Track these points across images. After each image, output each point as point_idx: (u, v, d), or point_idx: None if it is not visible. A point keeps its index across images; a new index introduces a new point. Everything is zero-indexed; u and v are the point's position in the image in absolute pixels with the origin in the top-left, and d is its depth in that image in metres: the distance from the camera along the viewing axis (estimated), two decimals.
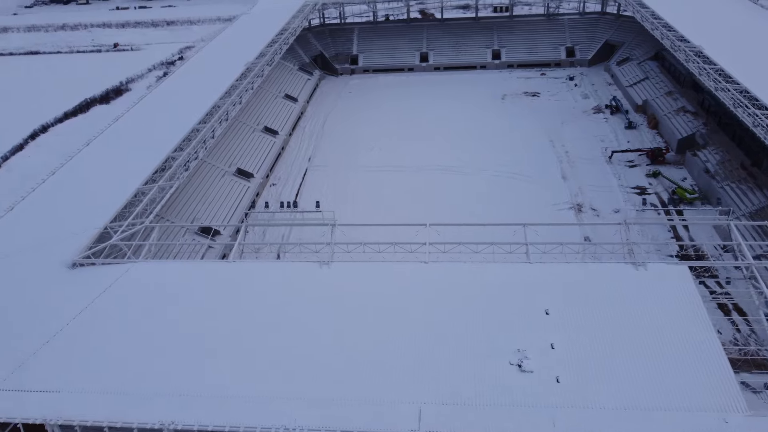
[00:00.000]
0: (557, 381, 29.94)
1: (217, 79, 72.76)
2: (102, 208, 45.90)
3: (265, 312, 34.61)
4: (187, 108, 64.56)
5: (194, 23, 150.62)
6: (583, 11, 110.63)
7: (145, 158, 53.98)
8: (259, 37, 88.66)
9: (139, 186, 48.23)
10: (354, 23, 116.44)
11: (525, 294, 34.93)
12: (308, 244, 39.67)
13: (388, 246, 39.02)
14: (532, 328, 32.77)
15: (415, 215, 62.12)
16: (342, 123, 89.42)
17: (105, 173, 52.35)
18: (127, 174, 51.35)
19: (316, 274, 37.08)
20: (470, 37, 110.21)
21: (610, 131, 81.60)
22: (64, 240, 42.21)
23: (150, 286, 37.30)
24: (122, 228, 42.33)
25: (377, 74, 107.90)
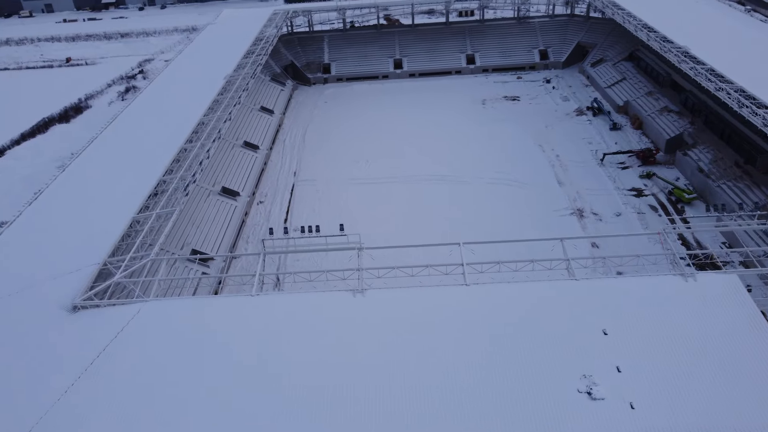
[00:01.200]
0: (632, 407, 28.22)
1: (197, 93, 68.88)
2: (95, 240, 41.84)
3: (300, 350, 31.67)
4: (170, 125, 60.60)
5: (150, 35, 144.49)
6: (552, 14, 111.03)
7: (133, 182, 50.00)
8: (232, 47, 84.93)
9: (133, 215, 44.25)
10: (323, 31, 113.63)
11: (577, 313, 33.15)
12: (336, 271, 36.78)
13: (422, 268, 36.60)
14: (592, 351, 31.00)
15: (421, 229, 60.49)
16: (323, 134, 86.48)
17: (92, 199, 48.07)
18: (117, 200, 47.33)
19: (350, 304, 34.35)
20: (443, 43, 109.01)
21: (595, 133, 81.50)
22: (58, 279, 38.08)
23: (167, 328, 33.75)
24: (124, 263, 38.41)
25: (351, 83, 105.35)
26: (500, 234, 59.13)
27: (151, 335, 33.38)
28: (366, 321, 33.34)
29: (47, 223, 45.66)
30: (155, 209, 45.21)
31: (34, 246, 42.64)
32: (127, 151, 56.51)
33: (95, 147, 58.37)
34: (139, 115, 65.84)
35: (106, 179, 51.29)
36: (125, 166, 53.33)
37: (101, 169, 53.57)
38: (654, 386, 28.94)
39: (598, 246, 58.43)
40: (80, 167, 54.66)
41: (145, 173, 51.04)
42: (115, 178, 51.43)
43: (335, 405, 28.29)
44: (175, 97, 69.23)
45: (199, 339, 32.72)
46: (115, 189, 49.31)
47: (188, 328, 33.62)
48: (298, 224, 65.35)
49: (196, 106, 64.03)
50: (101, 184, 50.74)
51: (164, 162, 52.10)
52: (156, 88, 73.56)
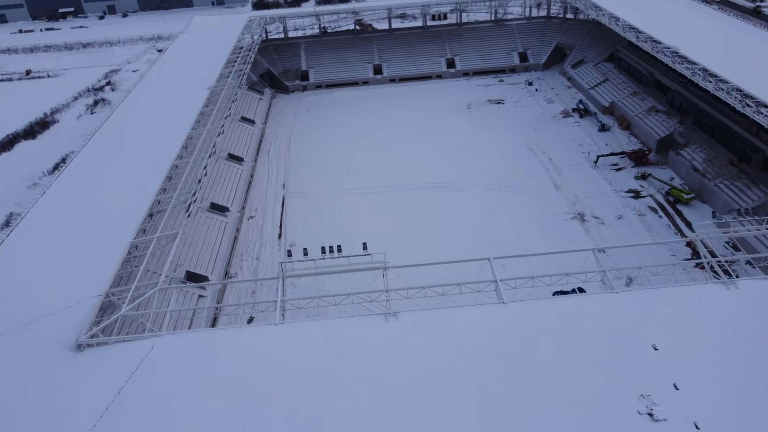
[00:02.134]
0: (696, 428, 26.86)
1: (181, 105, 65.62)
2: (92, 269, 38.64)
3: (334, 382, 29.35)
4: (157, 140, 57.38)
5: (114, 44, 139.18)
6: (529, 16, 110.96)
7: (125, 202, 46.77)
8: (211, 56, 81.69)
9: (131, 239, 41.11)
10: (299, 37, 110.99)
11: (623, 328, 31.79)
12: (362, 294, 34.54)
13: (453, 287, 34.71)
14: (646, 368, 29.62)
15: (427, 241, 58.59)
16: (308, 144, 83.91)
17: (82, 223, 44.63)
18: (110, 223, 44.06)
19: (383, 328, 32.18)
20: (422, 47, 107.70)
21: (585, 135, 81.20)
22: (56, 315, 34.83)
23: (186, 365, 30.95)
24: (130, 294, 35.35)
25: (331, 89, 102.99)
26: (509, 242, 58.12)
27: (170, 373, 30.54)
28: (401, 346, 31.22)
29: (34, 250, 42.09)
30: (154, 232, 42.15)
31: (24, 277, 39.11)
32: (114, 168, 53.03)
33: (77, 165, 54.58)
34: (121, 129, 62.21)
35: (95, 200, 47.83)
36: (114, 185, 49.94)
37: (87, 188, 50.01)
38: (716, 403, 27.70)
39: (605, 251, 57.73)
40: (64, 187, 50.92)
41: (136, 193, 47.81)
42: (105, 198, 48.04)
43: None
44: (157, 109, 65.77)
45: (224, 375, 30.06)
46: (106, 210, 45.95)
47: (210, 364, 30.90)
48: (293, 239, 62.99)
49: (181, 119, 60.84)
50: (90, 205, 47.26)
51: (157, 180, 48.94)
52: (134, 101, 69.84)
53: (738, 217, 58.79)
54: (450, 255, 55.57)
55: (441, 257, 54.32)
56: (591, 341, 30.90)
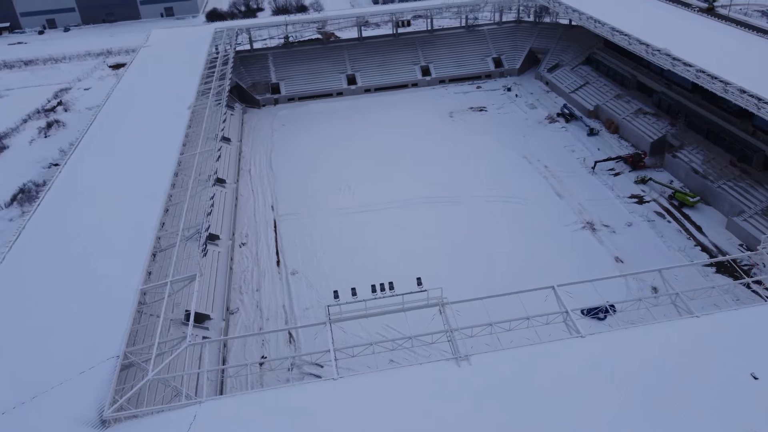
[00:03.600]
0: None
1: (161, 127, 60.30)
2: (101, 323, 33.59)
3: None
4: (144, 166, 52.04)
5: (60, 61, 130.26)
6: (500, 21, 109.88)
7: (122, 239, 41.55)
8: (182, 72, 76.25)
9: (140, 285, 36.16)
10: (266, 48, 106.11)
11: (713, 356, 29.38)
12: (421, 337, 30.94)
13: (521, 321, 31.61)
14: (748, 400, 27.24)
15: (442, 261, 55.61)
16: (290, 161, 79.44)
17: (76, 267, 39.17)
18: (110, 266, 38.89)
19: (456, 375, 28.68)
20: (394, 55, 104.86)
21: (575, 140, 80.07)
22: (69, 382, 29.72)
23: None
24: (154, 353, 30.55)
25: (305, 102, 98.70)
26: (530, 258, 55.64)
27: None
28: (483, 395, 27.80)
29: (25, 302, 36.45)
30: (163, 275, 37.29)
31: (22, 337, 33.56)
32: (100, 201, 47.38)
33: (53, 198, 48.60)
34: (97, 154, 56.27)
35: (84, 238, 42.25)
36: (104, 220, 44.44)
37: (71, 225, 44.25)
38: None
39: (623, 261, 56.10)
40: (42, 224, 45.02)
41: (132, 229, 42.67)
42: (96, 235, 42.53)
43: None
44: (135, 132, 60.08)
45: None
46: (100, 252, 40.58)
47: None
48: (294, 266, 58.69)
49: (166, 143, 55.67)
50: (78, 245, 41.67)
51: (153, 214, 43.89)
52: (105, 123, 63.73)
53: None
54: (474, 276, 53.44)
55: (467, 280, 52.26)
56: (682, 372, 28.39)
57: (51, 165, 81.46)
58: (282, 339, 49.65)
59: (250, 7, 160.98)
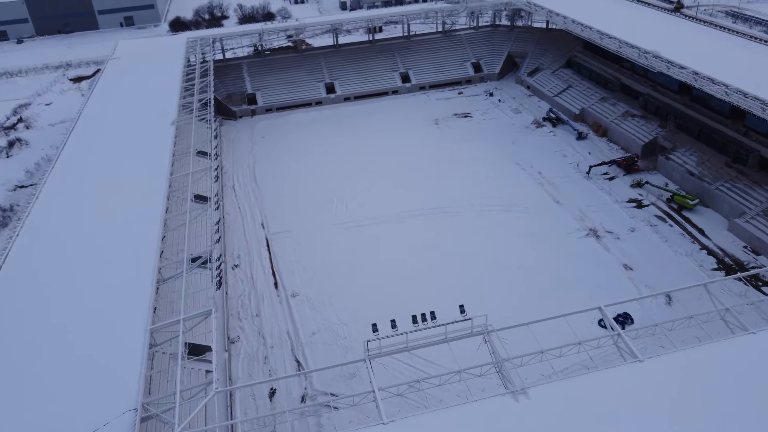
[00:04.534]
0: None
1: (144, 144, 56.59)
2: (108, 369, 30.22)
3: None
4: (133, 187, 48.40)
5: (15, 75, 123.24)
6: (477, 25, 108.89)
7: (120, 270, 38.04)
8: (159, 85, 72.31)
9: (149, 325, 32.81)
10: (239, 58, 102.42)
11: None
12: (472, 369, 28.62)
13: (572, 346, 29.66)
14: None
15: (447, 277, 53.60)
16: (275, 175, 76.18)
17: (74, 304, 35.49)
18: (110, 302, 35.42)
19: (516, 412, 26.47)
20: (372, 62, 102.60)
21: (565, 144, 79.24)
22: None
23: None
24: (177, 405, 27.36)
25: (283, 112, 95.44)
26: (542, 269, 54.03)
27: None
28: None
29: (23, 350, 32.65)
30: (171, 311, 34.05)
31: (24, 391, 29.81)
32: (88, 227, 43.56)
33: (35, 224, 44.48)
34: (78, 177, 52.11)
35: (78, 272, 38.53)
36: (97, 251, 40.74)
37: (62, 257, 40.41)
38: None
39: (632, 268, 55.08)
40: (27, 252, 41.02)
41: (130, 259, 39.17)
42: (92, 270, 38.84)
43: None
44: (115, 150, 56.13)
45: None
46: (99, 286, 36.99)
47: None
48: (293, 287, 55.71)
49: (153, 163, 52.07)
50: (74, 279, 37.97)
51: (151, 242, 40.42)
52: (80, 141, 59.37)
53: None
54: (494, 293, 51.28)
55: (487, 298, 50.00)
56: (754, 391, 26.86)
57: (17, 187, 76.30)
58: (291, 369, 46.69)
59: (214, 15, 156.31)
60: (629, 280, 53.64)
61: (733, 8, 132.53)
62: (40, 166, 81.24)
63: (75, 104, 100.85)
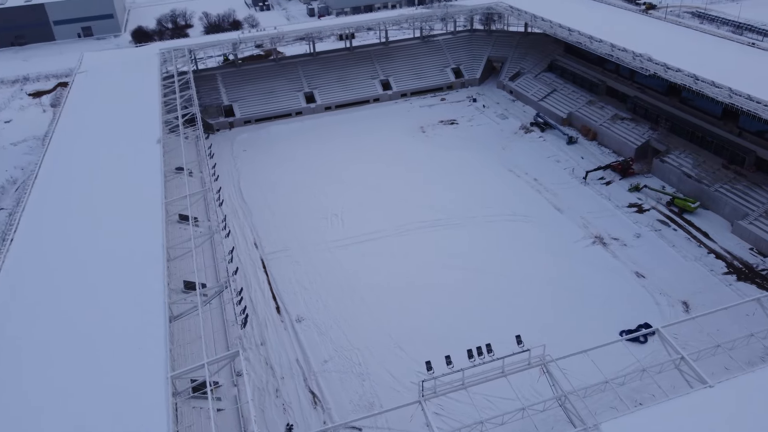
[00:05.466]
0: None
1: (129, 165, 52.81)
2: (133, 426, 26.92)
3: None
4: (125, 214, 44.69)
5: None
6: (454, 31, 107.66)
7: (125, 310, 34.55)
8: (136, 99, 68.28)
9: (167, 372, 29.58)
10: (213, 68, 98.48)
11: None
12: (535, 405, 26.48)
13: (636, 373, 27.85)
14: None
15: (462, 293, 51.67)
16: (263, 190, 72.86)
17: (80, 352, 31.89)
18: (122, 347, 31.93)
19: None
20: (351, 70, 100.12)
21: (556, 150, 78.34)
22: None
23: None
24: None
25: (263, 124, 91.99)
26: (557, 281, 52.84)
27: None
28: None
29: (35, 411, 28.98)
30: (187, 358, 30.91)
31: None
32: (85, 260, 39.79)
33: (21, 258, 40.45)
34: (64, 203, 48.01)
35: (81, 315, 34.85)
36: (97, 284, 37.12)
37: (62, 299, 36.60)
38: None
39: (644, 276, 54.12)
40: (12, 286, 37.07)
41: (136, 298, 35.70)
42: (92, 306, 35.23)
43: None
44: (99, 173, 52.15)
45: None
46: (107, 329, 33.46)
47: None
48: (298, 312, 52.74)
49: (143, 186, 48.48)
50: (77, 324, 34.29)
51: (156, 276, 37.02)
52: (58, 163, 55.08)
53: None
54: (519, 312, 49.29)
55: (513, 318, 48.18)
56: None
57: None
58: (306, 402, 43.80)
59: (178, 24, 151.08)
60: (643, 289, 52.64)
61: (699, 9, 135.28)
62: (5, 189, 75.93)
63: (38, 121, 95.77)
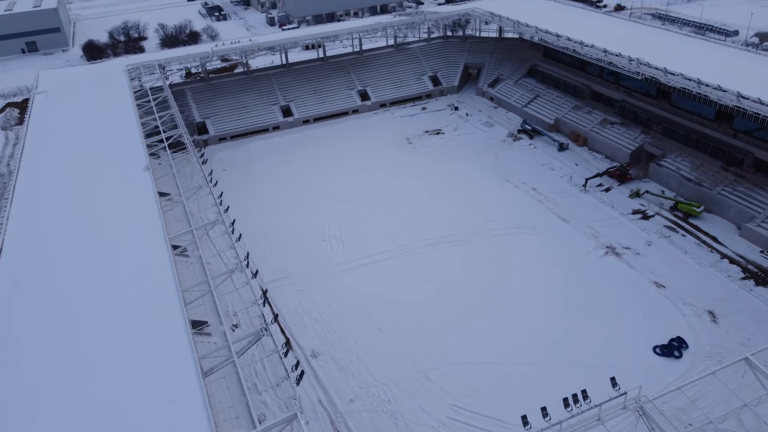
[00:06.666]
0: None
1: (121, 198, 48.02)
2: None
3: None
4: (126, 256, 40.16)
5: None
6: (428, 38, 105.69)
7: (146, 369, 30.36)
8: (110, 122, 63.11)
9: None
10: (182, 83, 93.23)
11: None
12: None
13: (737, 409, 25.83)
14: None
15: (491, 318, 49.22)
16: (251, 213, 68.66)
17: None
18: (149, 414, 27.82)
19: None
20: (326, 81, 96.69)
21: (549, 157, 77.10)
22: None
23: None
24: None
25: (239, 141, 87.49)
26: (584, 299, 50.81)
27: None
28: None
29: None
30: (243, 420, 27.11)
31: None
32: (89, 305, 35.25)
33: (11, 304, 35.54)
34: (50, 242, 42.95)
35: (95, 373, 30.46)
36: (113, 338, 32.72)
37: (70, 354, 32.05)
38: None
39: (664, 285, 52.94)
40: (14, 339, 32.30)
41: (157, 347, 31.54)
42: (111, 364, 30.87)
43: None
44: (88, 206, 47.20)
45: None
46: (128, 388, 29.23)
47: None
48: (312, 346, 49.05)
49: (139, 219, 44.02)
50: (90, 390, 29.88)
51: (178, 329, 32.93)
52: (34, 195, 49.69)
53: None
54: (526, 330, 47.49)
55: (520, 337, 46.23)
56: None
57: None
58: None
59: (131, 36, 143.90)
60: (666, 299, 51.45)
61: (659, 11, 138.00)
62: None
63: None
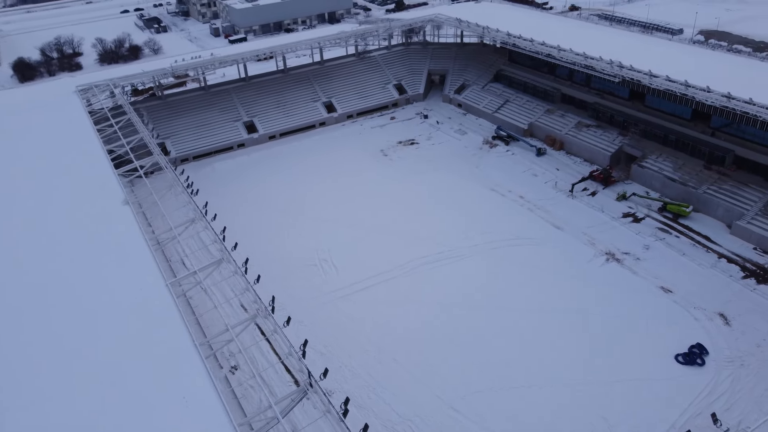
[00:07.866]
0: None
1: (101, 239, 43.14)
2: None
3: None
4: (124, 310, 35.66)
5: None
6: (389, 45, 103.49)
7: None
8: (67, 150, 57.46)
9: None
10: (136, 102, 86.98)
11: None
12: None
13: None
14: None
15: (513, 339, 47.35)
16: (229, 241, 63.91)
17: None
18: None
19: None
20: (289, 94, 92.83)
21: (529, 163, 76.33)
22: None
23: None
24: None
25: (204, 161, 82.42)
26: (597, 311, 49.73)
27: None
28: None
29: None
30: None
31: None
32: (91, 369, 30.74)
33: None
34: (32, 295, 37.78)
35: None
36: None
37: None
38: None
39: (671, 290, 52.54)
40: None
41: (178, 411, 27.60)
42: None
43: None
44: (65, 252, 42.04)
45: None
46: None
47: None
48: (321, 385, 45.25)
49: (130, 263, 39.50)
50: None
51: (207, 394, 29.02)
52: (8, 244, 44.07)
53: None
54: (545, 349, 45.91)
55: (540, 357, 44.61)
56: None
57: None
58: None
59: (65, 52, 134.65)
60: (676, 304, 51.05)
61: (604, 11, 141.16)
62: None
63: None
